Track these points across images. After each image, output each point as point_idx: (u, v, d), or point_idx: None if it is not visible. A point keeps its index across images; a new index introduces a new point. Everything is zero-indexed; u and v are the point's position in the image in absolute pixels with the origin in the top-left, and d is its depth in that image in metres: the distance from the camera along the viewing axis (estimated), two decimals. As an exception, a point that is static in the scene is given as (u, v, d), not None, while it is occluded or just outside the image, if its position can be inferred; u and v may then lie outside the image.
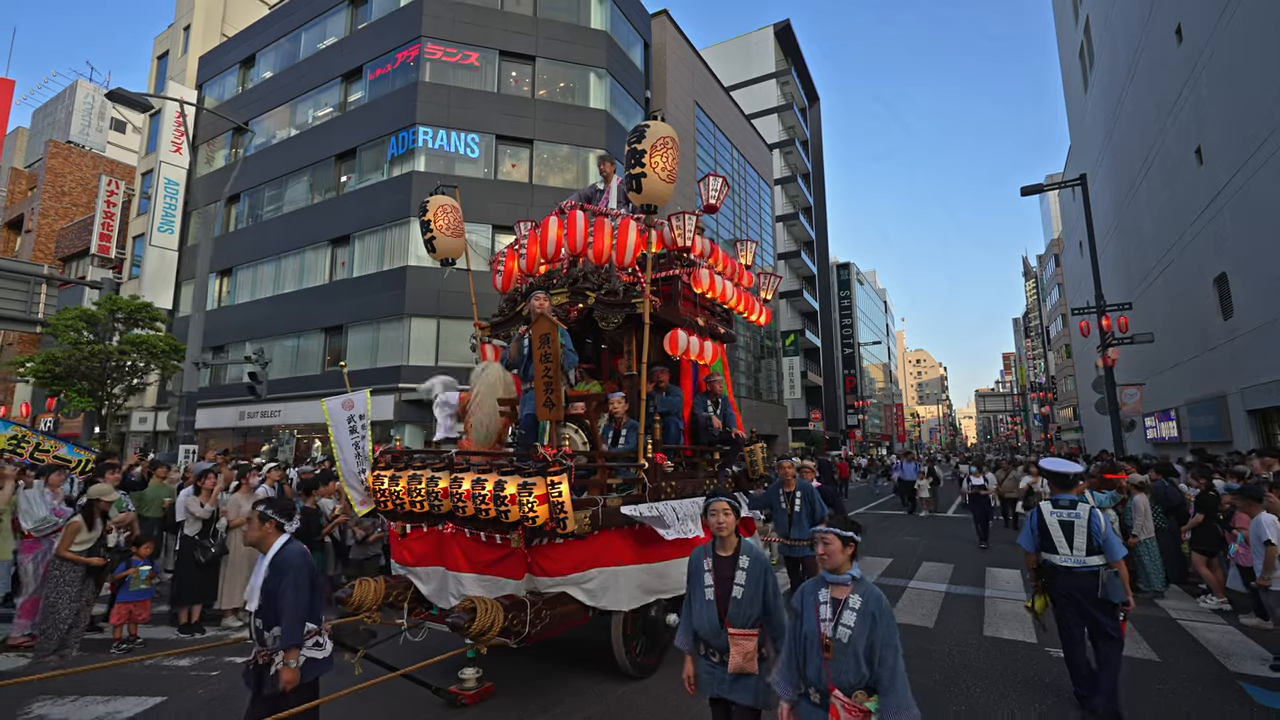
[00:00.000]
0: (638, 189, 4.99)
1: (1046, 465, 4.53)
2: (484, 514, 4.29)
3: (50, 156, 34.29)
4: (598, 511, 4.34)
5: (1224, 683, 4.84)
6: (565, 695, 4.51)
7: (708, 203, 5.83)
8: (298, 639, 2.93)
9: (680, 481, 5.25)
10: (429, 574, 4.79)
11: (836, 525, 2.56)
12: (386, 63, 19.83)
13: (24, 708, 4.31)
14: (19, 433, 10.65)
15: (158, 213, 24.58)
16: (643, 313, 5.07)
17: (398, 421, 17.28)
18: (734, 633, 2.84)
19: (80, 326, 14.87)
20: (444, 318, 17.90)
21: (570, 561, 4.39)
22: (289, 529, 3.14)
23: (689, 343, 5.63)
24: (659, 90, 24.72)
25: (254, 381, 13.40)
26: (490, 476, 4.32)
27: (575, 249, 5.63)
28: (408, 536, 4.91)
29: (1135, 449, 19.47)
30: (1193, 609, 6.97)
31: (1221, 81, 14.22)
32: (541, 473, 4.13)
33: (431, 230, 6.56)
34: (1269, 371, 12.76)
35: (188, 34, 27.69)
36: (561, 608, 4.27)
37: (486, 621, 3.83)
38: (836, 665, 2.41)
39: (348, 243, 19.85)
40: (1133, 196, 22.04)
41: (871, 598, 2.46)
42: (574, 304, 5.48)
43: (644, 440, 4.88)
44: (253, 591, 3.01)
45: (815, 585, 2.61)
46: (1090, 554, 4.13)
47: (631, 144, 4.97)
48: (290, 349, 20.81)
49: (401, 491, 4.73)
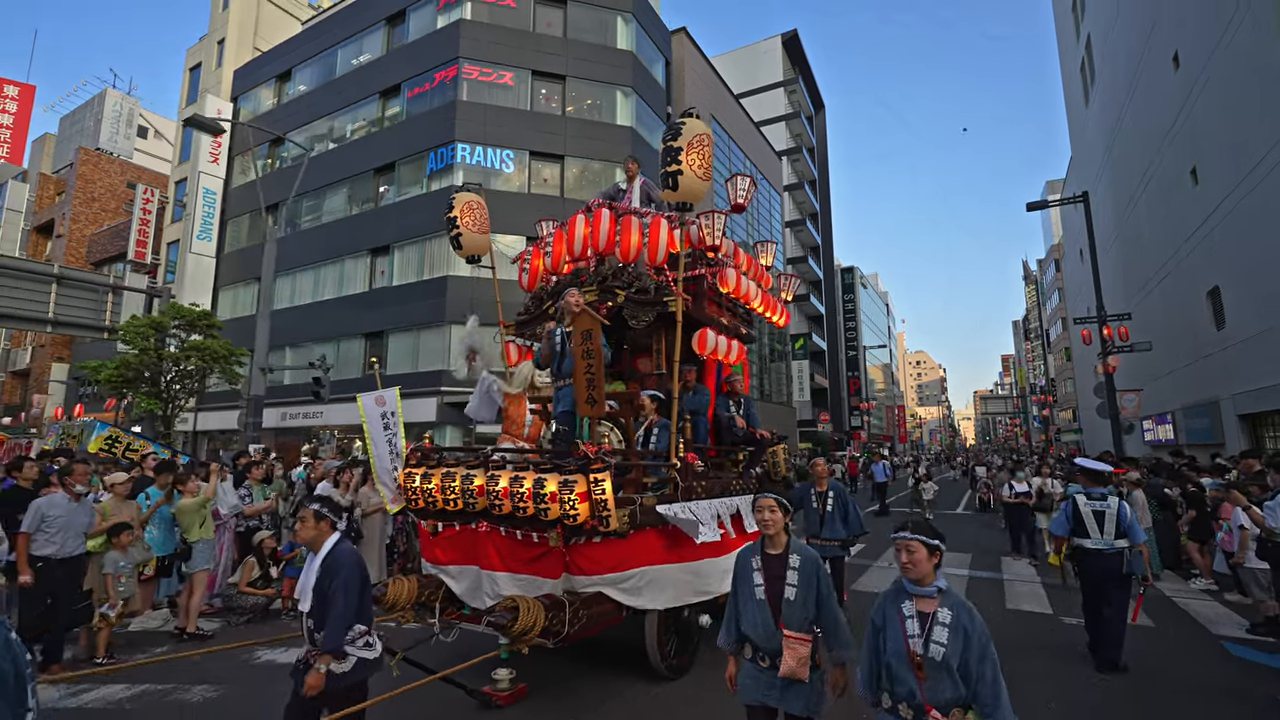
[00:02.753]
0: (674, 186, 4.87)
1: (1082, 464, 5.57)
2: (522, 512, 4.26)
3: (81, 163, 35.30)
4: (635, 510, 4.29)
5: (1209, 642, 5.92)
6: (605, 697, 4.48)
7: (735, 202, 5.76)
8: (339, 644, 2.88)
9: (709, 481, 5.25)
10: (461, 573, 4.75)
11: (922, 532, 2.38)
12: (425, 81, 20.86)
13: (250, 654, 5.34)
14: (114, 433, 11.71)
15: (197, 221, 25.58)
16: (674, 311, 5.03)
17: (439, 423, 18.30)
18: (789, 635, 2.71)
19: (149, 334, 15.87)
20: (482, 325, 18.86)
21: (608, 561, 4.34)
22: (340, 528, 3.11)
23: (717, 342, 5.60)
24: (679, 105, 25.75)
25: (318, 385, 14.42)
26: (529, 474, 4.33)
27: (602, 247, 5.57)
28: (439, 535, 4.87)
29: (1133, 450, 20.54)
30: (1184, 589, 8.04)
31: (1216, 108, 15.26)
32: (583, 470, 4.11)
33: (458, 227, 6.54)
34: (1259, 379, 13.80)
35: (221, 47, 28.67)
36: (597, 607, 4.22)
37: (529, 621, 3.80)
38: (932, 684, 2.26)
39: (387, 252, 20.87)
40: (1132, 209, 23.10)
41: (962, 611, 2.30)
42: (602, 302, 5.41)
43: (675, 439, 4.88)
44: (304, 592, 2.95)
45: (896, 597, 2.44)
46: (1118, 538, 5.10)
47: (667, 141, 4.88)
48: (330, 353, 21.80)
49: (435, 489, 4.69)
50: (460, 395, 18.21)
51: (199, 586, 5.82)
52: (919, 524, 2.41)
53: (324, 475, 7.49)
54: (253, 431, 14.11)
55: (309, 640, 2.96)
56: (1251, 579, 6.21)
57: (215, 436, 24.03)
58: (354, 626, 2.94)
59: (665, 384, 5.49)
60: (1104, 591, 5.17)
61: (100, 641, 5.05)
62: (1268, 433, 14.70)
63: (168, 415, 16.53)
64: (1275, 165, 12.55)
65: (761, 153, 36.81)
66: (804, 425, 42.19)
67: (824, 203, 54.12)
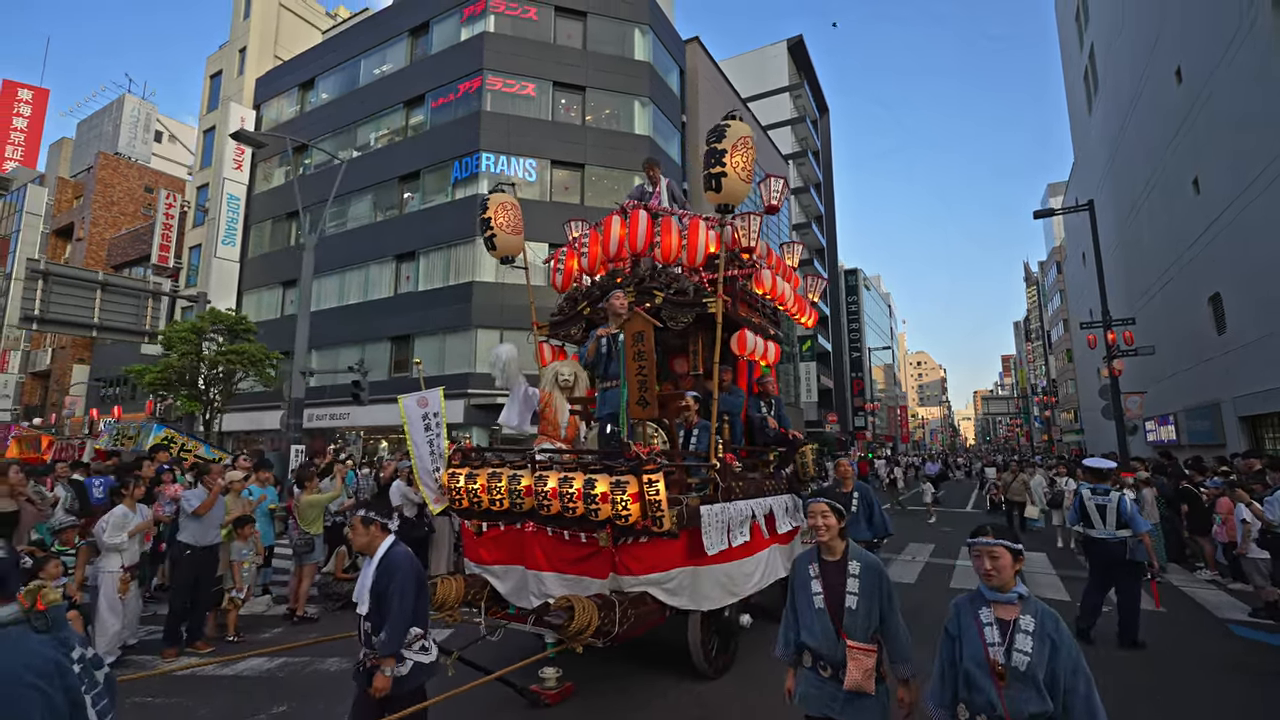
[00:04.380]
0: (717, 188, 4.89)
1: (1089, 463, 6.20)
2: (571, 512, 4.29)
3: (100, 168, 35.86)
4: (682, 510, 4.32)
5: (1215, 624, 6.55)
6: (651, 697, 4.54)
7: (769, 204, 5.75)
8: (398, 647, 2.89)
9: (745, 482, 5.29)
10: (507, 572, 4.80)
11: (1004, 537, 2.30)
12: (449, 92, 21.47)
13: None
14: (170, 434, 12.37)
15: (221, 226, 26.17)
16: (712, 313, 5.06)
17: (466, 424, 18.91)
18: (853, 646, 2.59)
19: (191, 339, 16.47)
20: (507, 329, 19.54)
21: (654, 560, 4.36)
22: (393, 529, 3.11)
23: (755, 343, 5.63)
24: (692, 113, 26.37)
25: (357, 389, 15.01)
26: (578, 474, 4.35)
27: (640, 248, 5.57)
28: (484, 535, 4.91)
29: (1137, 451, 21.18)
30: (1190, 579, 8.69)
31: (1217, 122, 15.88)
32: (634, 471, 4.14)
33: (492, 228, 6.48)
34: (1258, 382, 14.42)
35: (243, 56, 29.25)
36: (643, 607, 4.24)
37: (584, 620, 3.82)
38: (1013, 695, 2.14)
39: (413, 258, 21.48)
40: (1135, 216, 23.74)
41: (1047, 619, 2.20)
42: (640, 303, 5.42)
43: (715, 440, 4.90)
44: (362, 594, 2.97)
45: (972, 604, 2.34)
46: (1119, 529, 5.74)
47: (711, 143, 4.88)
48: (356, 356, 22.41)
49: (480, 489, 4.71)
50: (487, 398, 18.86)
51: (308, 575, 6.43)
52: (999, 528, 2.32)
53: (395, 475, 8.07)
54: (294, 433, 14.71)
55: (365, 643, 2.98)
56: (1254, 568, 6.84)
57: (239, 437, 24.62)
58: (410, 629, 2.95)
59: (701, 384, 5.59)
60: (1111, 575, 5.76)
61: (230, 621, 5.68)
62: (1268, 434, 15.33)
63: (207, 417, 17.14)
64: (1275, 178, 13.17)
65: (769, 157, 37.43)
66: (811, 426, 42.84)
67: (828, 206, 54.80)
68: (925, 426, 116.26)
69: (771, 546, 5.54)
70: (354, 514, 3.09)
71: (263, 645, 5.13)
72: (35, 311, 15.24)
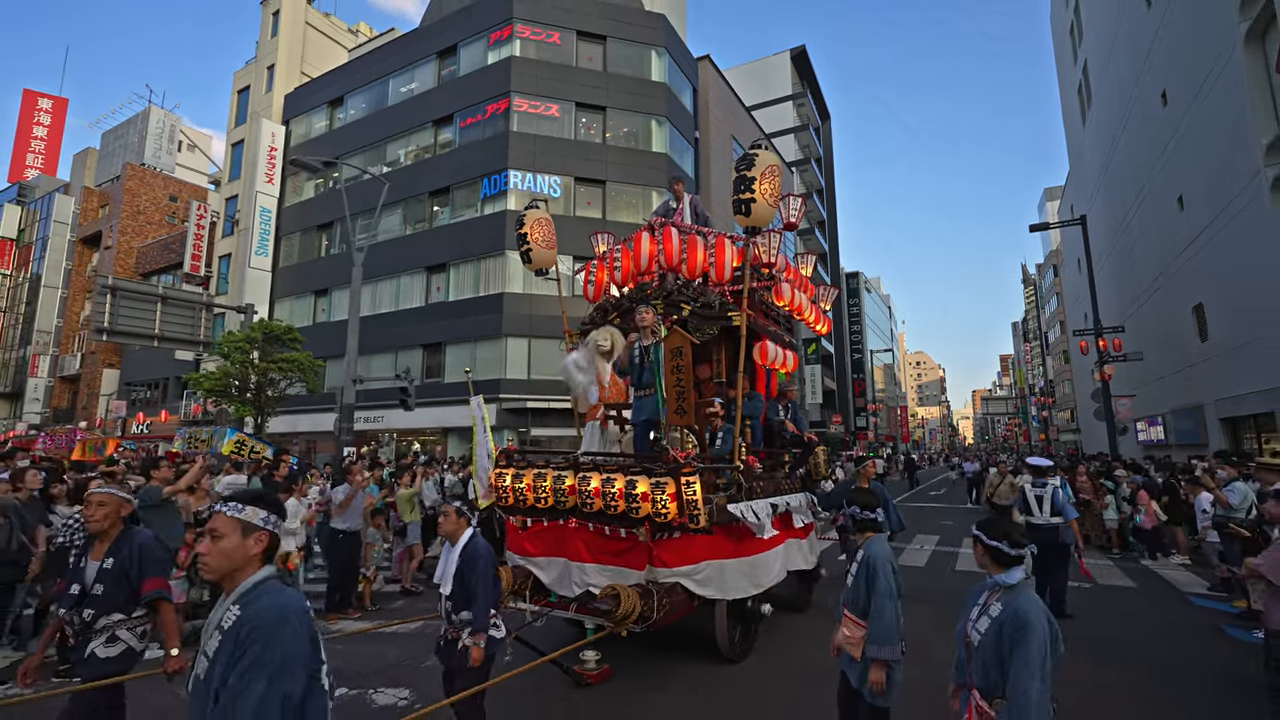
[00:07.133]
0: (746, 213, 5.22)
1: (1031, 461, 7.24)
2: (613, 509, 4.66)
3: (128, 178, 37.05)
4: (713, 508, 4.68)
5: (1177, 597, 7.79)
6: (675, 678, 4.98)
7: (787, 221, 6.13)
8: (487, 624, 3.32)
9: (765, 482, 5.71)
10: (549, 564, 5.16)
11: (992, 531, 2.52)
12: (477, 112, 22.70)
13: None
14: (241, 438, 13.62)
15: (254, 237, 27.36)
16: (737, 325, 5.45)
17: (499, 428, 20.14)
18: (846, 616, 3.21)
19: (245, 348, 17.67)
20: (535, 337, 20.78)
21: (687, 554, 4.73)
22: (474, 522, 3.54)
23: (776, 352, 6.02)
24: (705, 128, 27.60)
25: (404, 395, 16.22)
26: (619, 476, 4.72)
27: (668, 264, 5.93)
28: (528, 529, 5.30)
29: (1128, 449, 22.43)
30: (1165, 563, 9.94)
31: (1199, 144, 17.10)
32: (673, 473, 4.52)
33: (528, 243, 6.81)
34: (1237, 387, 15.65)
35: (271, 72, 30.44)
36: (675, 597, 4.63)
37: (629, 607, 4.21)
38: (975, 666, 2.44)
39: (443, 270, 22.71)
40: (1126, 227, 24.98)
41: (1008, 610, 2.36)
42: (667, 315, 5.78)
43: (738, 443, 5.29)
44: (445, 578, 3.39)
45: (980, 586, 2.62)
46: (1053, 516, 6.72)
47: (741, 171, 5.19)
48: (390, 362, 23.64)
49: (526, 488, 5.09)
50: (518, 402, 20.09)
51: (415, 555, 7.65)
52: (988, 523, 2.58)
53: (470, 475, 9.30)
54: (347, 435, 15.94)
55: (447, 620, 3.42)
56: (1211, 550, 8.11)
57: (278, 439, 25.81)
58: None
59: (723, 390, 5.98)
60: (1044, 558, 6.57)
61: (365, 594, 6.90)
62: (1245, 434, 16.58)
63: (259, 421, 18.35)
64: (1251, 199, 14.37)
65: (775, 167, 38.67)
66: (816, 427, 44.05)
67: (830, 210, 56.08)
68: (925, 426, 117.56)
69: (788, 541, 6.05)
70: (448, 503, 3.60)
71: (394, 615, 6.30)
72: (105, 324, 16.48)
